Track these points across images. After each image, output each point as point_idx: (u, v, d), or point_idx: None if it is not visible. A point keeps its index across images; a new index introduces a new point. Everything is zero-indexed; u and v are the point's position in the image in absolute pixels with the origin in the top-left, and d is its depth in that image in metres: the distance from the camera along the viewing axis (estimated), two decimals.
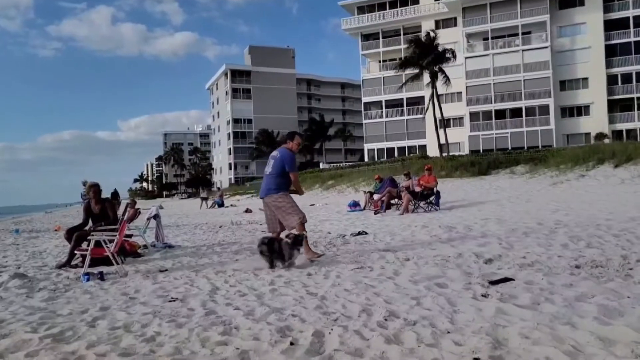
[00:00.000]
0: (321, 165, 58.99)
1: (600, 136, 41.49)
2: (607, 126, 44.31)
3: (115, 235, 6.07)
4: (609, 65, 45.65)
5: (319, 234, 8.63)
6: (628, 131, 43.71)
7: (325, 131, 74.14)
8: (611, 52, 45.76)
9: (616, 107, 45.56)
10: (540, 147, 39.82)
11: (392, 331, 3.16)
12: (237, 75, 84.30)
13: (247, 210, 19.35)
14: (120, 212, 7.27)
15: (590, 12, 45.97)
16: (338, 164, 58.06)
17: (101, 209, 6.88)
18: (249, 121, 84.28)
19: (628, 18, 45.38)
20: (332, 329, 3.26)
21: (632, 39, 45.22)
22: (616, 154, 16.67)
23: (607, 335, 2.85)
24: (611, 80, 45.64)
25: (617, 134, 43.29)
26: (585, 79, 46.17)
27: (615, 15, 45.74)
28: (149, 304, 4.35)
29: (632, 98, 44.87)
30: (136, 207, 10.41)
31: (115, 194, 11.69)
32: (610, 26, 45.75)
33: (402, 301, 3.91)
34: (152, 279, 5.59)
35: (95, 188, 6.93)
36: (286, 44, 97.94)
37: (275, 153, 6.32)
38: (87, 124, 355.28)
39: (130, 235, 8.49)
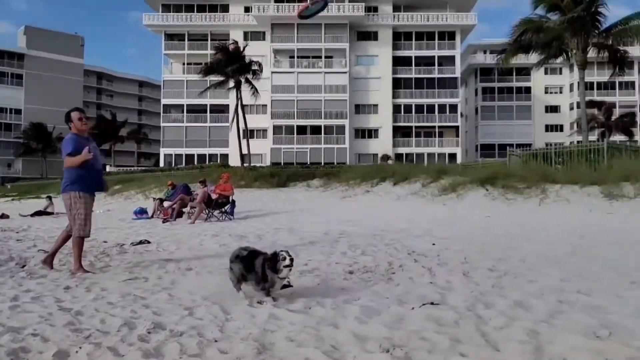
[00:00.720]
0: (108, 169, 54.49)
1: (385, 157, 47.96)
2: (391, 149, 51.43)
3: None
4: (395, 95, 53.21)
5: (92, 242, 7.80)
6: (407, 154, 51.44)
7: (116, 131, 68.65)
8: (397, 84, 53.50)
9: (399, 133, 53.24)
10: (335, 163, 43.90)
11: (154, 344, 2.97)
12: (5, 57, 72.51)
13: (3, 216, 16.49)
14: None
15: (382, 46, 53.12)
16: (129, 168, 54.36)
17: None
18: (17, 112, 73.10)
19: (411, 57, 53.77)
20: (80, 347, 2.90)
21: (413, 75, 53.67)
22: (395, 174, 19.36)
23: (362, 333, 3.16)
24: (396, 109, 53.25)
25: (399, 157, 50.57)
26: (376, 105, 52.93)
27: (401, 52, 53.76)
28: None
29: (411, 126, 53.09)
30: None
31: None
32: (397, 62, 53.57)
33: (173, 312, 3.73)
34: None
35: None
36: (75, 31, 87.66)
37: None
38: None
39: None
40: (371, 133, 53.14)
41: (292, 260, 3.95)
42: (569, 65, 39.34)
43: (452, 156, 51.45)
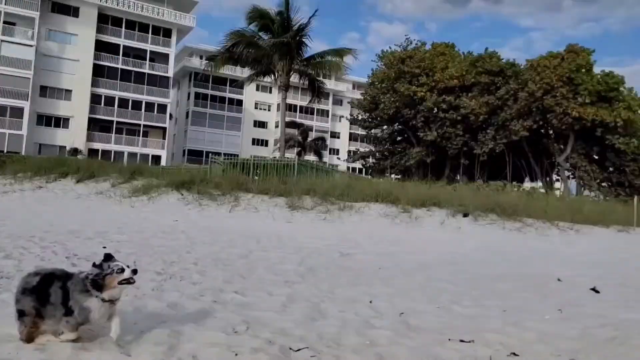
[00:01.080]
0: None
1: (75, 151, 43.69)
2: (84, 143, 47.29)
3: None
4: (95, 84, 49.29)
5: None
6: (104, 151, 48.17)
7: None
8: (99, 72, 49.72)
9: (96, 126, 49.48)
10: (5, 152, 37.71)
11: None
12: None
13: None
14: None
15: (83, 26, 48.63)
16: None
17: None
18: None
19: (119, 45, 50.92)
20: None
21: (120, 65, 50.92)
22: (80, 170, 17.80)
23: None
24: (95, 99, 49.36)
25: (94, 152, 46.89)
26: (69, 91, 47.96)
27: (107, 38, 50.31)
28: None
29: (112, 121, 50.06)
30: None
31: None
32: (101, 47, 49.90)
33: None
34: None
35: None
36: None
37: None
38: None
39: None
40: (60, 122, 47.75)
41: (134, 272, 2.79)
42: (277, 86, 44.00)
43: (157, 158, 50.65)
